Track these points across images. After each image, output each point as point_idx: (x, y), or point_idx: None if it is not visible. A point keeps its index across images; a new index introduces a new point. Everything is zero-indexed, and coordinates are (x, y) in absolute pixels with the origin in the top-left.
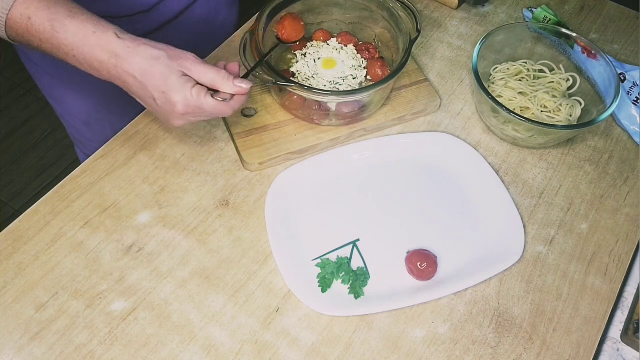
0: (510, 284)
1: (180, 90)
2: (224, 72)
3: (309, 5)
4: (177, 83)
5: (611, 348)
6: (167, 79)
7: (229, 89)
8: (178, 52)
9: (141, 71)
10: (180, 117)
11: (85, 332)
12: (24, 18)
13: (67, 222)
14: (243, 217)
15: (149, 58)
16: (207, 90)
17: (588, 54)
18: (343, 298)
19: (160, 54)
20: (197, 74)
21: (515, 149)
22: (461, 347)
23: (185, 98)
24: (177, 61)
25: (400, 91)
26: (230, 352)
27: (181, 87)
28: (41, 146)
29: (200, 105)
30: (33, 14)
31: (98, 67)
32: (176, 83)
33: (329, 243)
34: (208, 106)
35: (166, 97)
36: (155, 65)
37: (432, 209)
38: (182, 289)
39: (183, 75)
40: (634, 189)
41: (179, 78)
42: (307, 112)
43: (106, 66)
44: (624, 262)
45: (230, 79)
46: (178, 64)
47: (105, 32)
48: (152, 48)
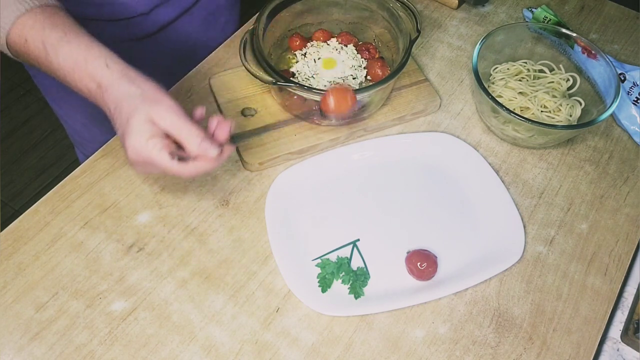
0: (510, 284)
1: (135, 136)
2: (195, 129)
3: (309, 5)
4: (135, 128)
5: (611, 348)
6: (128, 120)
7: (191, 148)
8: (158, 95)
9: (114, 105)
10: (133, 163)
11: (85, 332)
12: (21, 39)
13: (67, 222)
14: (243, 217)
15: (123, 94)
16: (167, 144)
17: (588, 54)
18: (343, 298)
19: (135, 93)
20: (167, 123)
21: (515, 149)
22: (461, 347)
23: (137, 146)
24: (149, 105)
25: (400, 91)
26: (230, 352)
27: (137, 133)
28: (41, 146)
29: (151, 159)
30: (29, 36)
31: (87, 93)
32: (135, 127)
33: (329, 243)
34: (160, 162)
35: (123, 138)
36: (125, 103)
37: (432, 209)
38: (182, 289)
39: (148, 121)
40: (634, 189)
41: (141, 124)
42: (307, 112)
43: (93, 94)
44: (624, 262)
45: (198, 139)
46: (149, 108)
47: (96, 60)
48: (131, 84)
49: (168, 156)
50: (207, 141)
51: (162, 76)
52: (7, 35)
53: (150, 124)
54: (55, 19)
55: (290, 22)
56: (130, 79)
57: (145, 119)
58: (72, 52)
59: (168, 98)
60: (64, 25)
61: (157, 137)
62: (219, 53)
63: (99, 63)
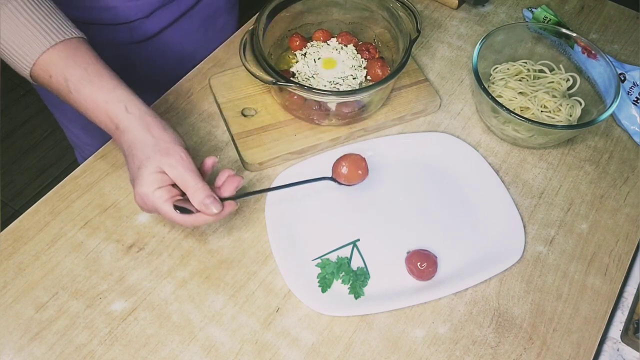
0: (510, 284)
1: (143, 185)
2: (201, 185)
3: (309, 5)
4: (145, 177)
5: (611, 348)
6: (139, 168)
7: (195, 203)
8: (171, 146)
9: (129, 149)
10: (139, 206)
11: (85, 332)
12: (45, 74)
13: (67, 222)
14: (243, 217)
15: (138, 140)
16: (173, 195)
17: (588, 54)
18: (343, 298)
19: (150, 142)
20: (175, 175)
21: (515, 149)
22: (461, 347)
23: (145, 194)
24: (161, 156)
25: (400, 91)
26: (230, 352)
27: (146, 182)
28: (41, 146)
29: (156, 208)
30: (53, 72)
31: (105, 130)
32: (145, 177)
33: (329, 243)
34: (164, 212)
35: (133, 183)
36: (139, 150)
37: (432, 209)
38: (182, 289)
39: (158, 172)
40: (634, 189)
41: (151, 174)
42: (307, 112)
43: (112, 133)
44: (624, 262)
45: (202, 194)
46: (160, 159)
47: (116, 104)
48: (147, 132)
49: (172, 208)
50: (210, 198)
51: (161, 78)
52: (31, 70)
53: (159, 174)
54: (78, 55)
55: (290, 22)
56: (147, 126)
57: (155, 169)
58: (94, 93)
59: (180, 149)
60: (86, 64)
61: (164, 187)
62: (219, 53)
63: (119, 107)
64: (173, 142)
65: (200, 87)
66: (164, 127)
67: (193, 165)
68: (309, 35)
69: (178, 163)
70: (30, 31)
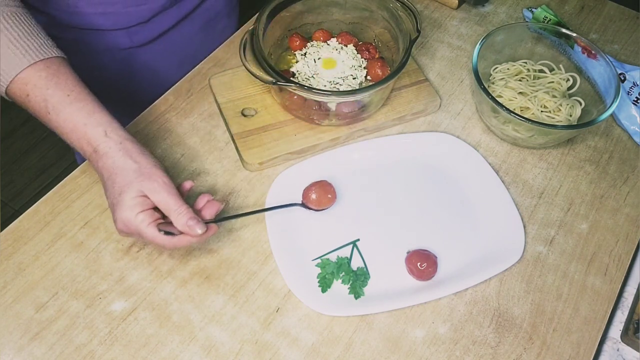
0: (510, 284)
1: (125, 210)
2: (184, 208)
3: (309, 5)
4: (127, 201)
5: (611, 348)
6: (120, 193)
7: (178, 225)
8: (153, 171)
9: (108, 174)
10: (120, 232)
11: (85, 332)
12: (23, 93)
13: (67, 222)
14: (243, 217)
15: (118, 166)
16: (156, 219)
17: (588, 54)
18: (343, 298)
19: (131, 167)
20: (157, 199)
21: (515, 149)
22: (461, 347)
23: (127, 219)
24: (142, 181)
25: (400, 91)
26: (230, 352)
27: (127, 207)
28: (41, 146)
29: (140, 232)
30: (31, 92)
31: (82, 153)
32: (127, 201)
33: (329, 243)
34: (148, 235)
35: (113, 209)
36: (120, 176)
37: (432, 209)
38: (182, 289)
39: (140, 196)
40: (634, 189)
41: (133, 198)
42: (307, 112)
43: (88, 156)
44: (624, 262)
45: (186, 217)
46: (142, 184)
47: (95, 128)
48: (128, 157)
49: (155, 230)
50: (194, 220)
51: (161, 82)
52: (7, 88)
53: (141, 197)
54: (60, 77)
55: (290, 22)
56: (127, 152)
57: (137, 193)
58: (73, 115)
59: (161, 173)
60: (67, 86)
61: (146, 211)
62: (219, 53)
63: (99, 130)
64: (154, 167)
65: (200, 87)
66: (143, 152)
67: (175, 189)
68: (309, 35)
69: (160, 187)
70: (9, 48)
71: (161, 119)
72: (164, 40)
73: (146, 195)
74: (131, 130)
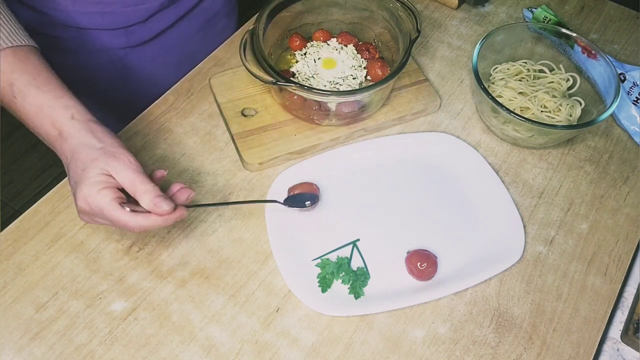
0: (510, 284)
1: (87, 185)
2: (151, 185)
3: (309, 5)
4: (90, 178)
5: (611, 348)
6: (84, 169)
7: (144, 203)
8: (119, 150)
9: (72, 154)
10: (81, 212)
11: (85, 332)
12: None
13: (67, 222)
14: (243, 217)
15: (83, 144)
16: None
17: (588, 54)
18: (343, 298)
19: (96, 145)
20: (122, 178)
21: (515, 149)
22: (461, 347)
23: (89, 194)
24: (107, 159)
25: (400, 91)
26: (230, 352)
27: (90, 183)
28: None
29: (100, 208)
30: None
31: (46, 138)
32: (89, 177)
33: (329, 243)
34: (109, 211)
35: (75, 187)
36: (83, 152)
37: (432, 209)
38: (182, 289)
39: (104, 174)
40: (634, 189)
41: (97, 174)
42: (307, 112)
43: (52, 141)
44: (624, 262)
45: (152, 194)
46: (107, 161)
47: (61, 110)
48: (93, 137)
49: (118, 206)
50: (160, 197)
51: (158, 82)
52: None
53: (105, 176)
54: (28, 63)
55: (290, 22)
56: (92, 132)
57: (101, 171)
58: (38, 98)
59: (127, 154)
60: (34, 71)
61: (110, 188)
62: (219, 53)
63: (65, 113)
64: (120, 147)
65: (200, 87)
66: (110, 133)
67: (141, 169)
68: (309, 35)
69: (126, 166)
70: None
71: (161, 118)
72: (162, 40)
73: (111, 174)
74: (131, 130)
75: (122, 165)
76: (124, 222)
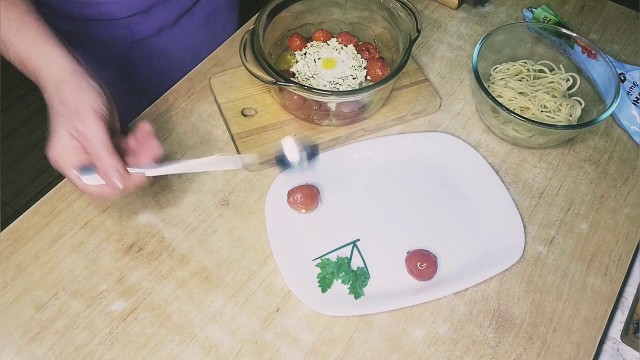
0: (510, 284)
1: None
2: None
3: (309, 5)
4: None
5: (611, 348)
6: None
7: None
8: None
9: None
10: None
11: (85, 332)
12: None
13: (67, 222)
14: (243, 217)
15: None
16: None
17: (588, 54)
18: (343, 298)
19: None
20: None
21: (515, 149)
22: (461, 347)
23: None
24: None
25: (400, 91)
26: (230, 352)
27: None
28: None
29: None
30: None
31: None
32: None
33: (329, 243)
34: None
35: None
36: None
37: (432, 209)
38: (182, 289)
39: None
40: (634, 189)
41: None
42: (307, 112)
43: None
44: (624, 262)
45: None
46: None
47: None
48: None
49: (74, 173)
50: (115, 171)
51: (162, 78)
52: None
53: (70, 137)
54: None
55: (290, 22)
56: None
57: (67, 132)
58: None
59: (93, 115)
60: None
61: (73, 150)
62: (219, 53)
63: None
64: (88, 107)
65: (200, 87)
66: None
67: (104, 133)
68: (309, 35)
69: (88, 130)
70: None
71: (161, 119)
72: (165, 35)
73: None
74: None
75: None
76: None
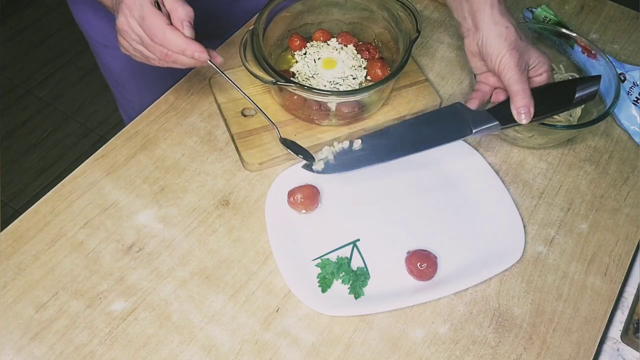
0: (510, 284)
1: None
2: (186, 16)
3: (309, 5)
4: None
5: (611, 348)
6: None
7: (174, 18)
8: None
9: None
10: (119, 33)
11: (85, 332)
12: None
13: (67, 222)
14: (243, 217)
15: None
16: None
17: (588, 54)
18: (343, 298)
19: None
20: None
21: (515, 149)
22: (461, 347)
23: (129, 3)
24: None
25: (400, 91)
26: (230, 352)
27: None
28: (41, 146)
29: (144, 18)
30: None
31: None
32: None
33: (329, 243)
34: (151, 24)
35: (117, 10)
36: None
37: (432, 209)
38: (182, 289)
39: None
40: (634, 189)
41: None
42: (307, 112)
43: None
44: (624, 262)
45: (184, 15)
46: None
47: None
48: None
49: (164, 19)
50: (188, 23)
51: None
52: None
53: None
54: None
55: (290, 22)
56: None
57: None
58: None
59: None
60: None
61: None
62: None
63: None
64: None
65: (200, 87)
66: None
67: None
68: (309, 35)
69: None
70: None
71: (161, 118)
72: None
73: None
74: (131, 131)
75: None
76: (162, 39)
